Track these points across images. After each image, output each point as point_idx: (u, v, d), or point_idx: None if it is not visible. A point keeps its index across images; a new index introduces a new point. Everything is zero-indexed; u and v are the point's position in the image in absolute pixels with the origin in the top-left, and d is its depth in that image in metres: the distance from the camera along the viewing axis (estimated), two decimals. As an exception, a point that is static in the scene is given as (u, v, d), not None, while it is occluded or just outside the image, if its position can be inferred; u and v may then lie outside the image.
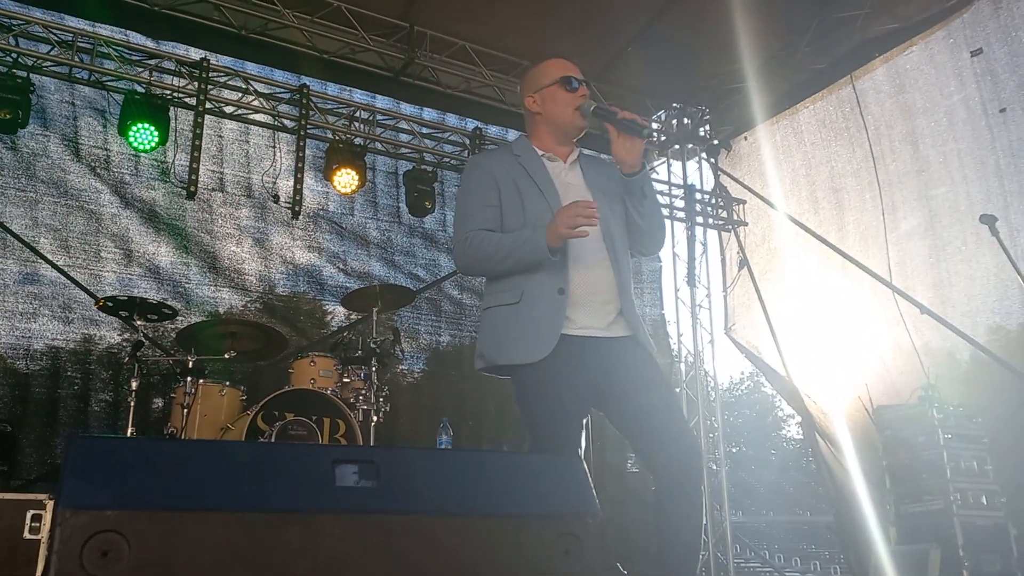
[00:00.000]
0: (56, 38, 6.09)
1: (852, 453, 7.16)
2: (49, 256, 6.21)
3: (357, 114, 7.26)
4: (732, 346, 8.74)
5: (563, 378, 2.65)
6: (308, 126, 6.80)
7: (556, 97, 2.89)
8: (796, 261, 7.91)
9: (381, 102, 7.62)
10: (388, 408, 5.43)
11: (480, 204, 2.81)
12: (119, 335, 6.62)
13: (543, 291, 2.69)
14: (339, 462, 1.25)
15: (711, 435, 8.30)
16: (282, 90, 6.97)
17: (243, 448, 1.58)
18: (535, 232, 2.65)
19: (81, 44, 6.17)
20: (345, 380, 5.41)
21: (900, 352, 6.80)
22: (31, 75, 5.94)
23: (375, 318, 5.65)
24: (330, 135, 7.12)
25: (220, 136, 7.08)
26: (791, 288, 7.96)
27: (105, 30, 6.37)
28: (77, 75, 6.22)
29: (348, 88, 7.49)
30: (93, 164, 6.58)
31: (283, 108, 6.94)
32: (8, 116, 5.65)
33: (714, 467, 8.10)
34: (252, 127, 7.09)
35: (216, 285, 6.93)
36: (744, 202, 8.68)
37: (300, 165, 6.72)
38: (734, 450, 27.66)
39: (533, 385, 2.67)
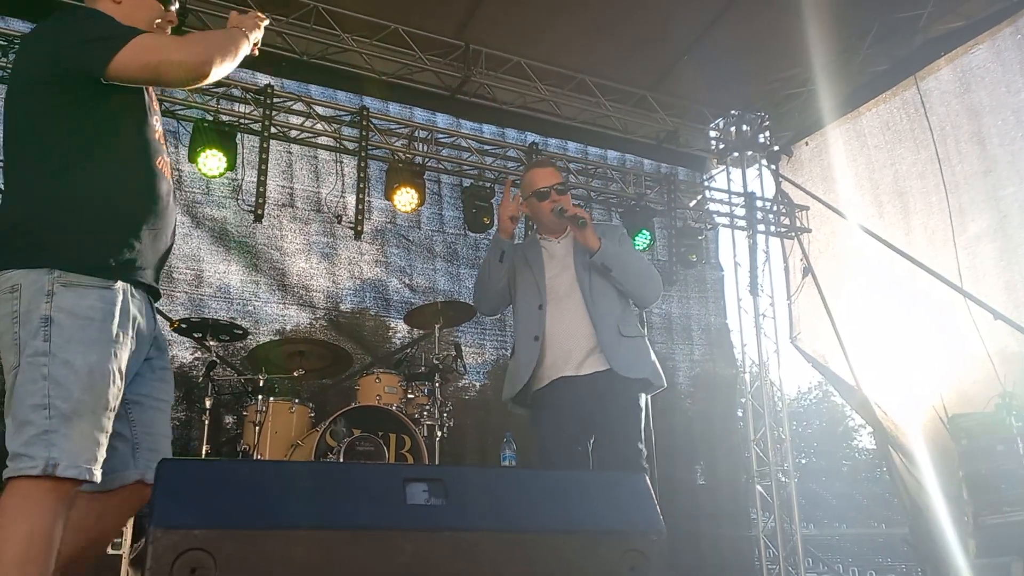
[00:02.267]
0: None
1: (927, 464, 6.98)
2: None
3: (416, 133, 7.38)
4: (798, 355, 8.60)
5: (544, 418, 3.41)
6: (369, 147, 6.94)
7: (534, 205, 3.63)
8: (862, 267, 7.75)
9: (441, 120, 7.74)
10: (452, 423, 5.49)
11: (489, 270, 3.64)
12: (191, 354, 6.81)
13: (525, 338, 3.44)
14: (409, 480, 1.29)
15: (779, 446, 8.17)
16: (343, 113, 7.12)
17: (319, 468, 1.64)
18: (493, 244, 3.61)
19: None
20: (410, 396, 5.49)
21: (974, 359, 6.59)
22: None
23: (437, 334, 5.72)
24: (390, 155, 7.24)
25: (290, 152, 7.26)
26: (858, 295, 7.79)
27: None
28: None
29: (409, 107, 7.63)
30: (167, 185, 6.77)
31: (345, 130, 7.09)
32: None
33: (783, 479, 7.95)
34: (318, 145, 7.26)
35: (284, 303, 7.09)
36: (807, 208, 8.55)
37: (362, 186, 6.84)
38: (804, 461, 27.10)
39: (535, 428, 3.49)
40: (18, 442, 1.94)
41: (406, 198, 6.90)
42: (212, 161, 6.11)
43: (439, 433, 5.33)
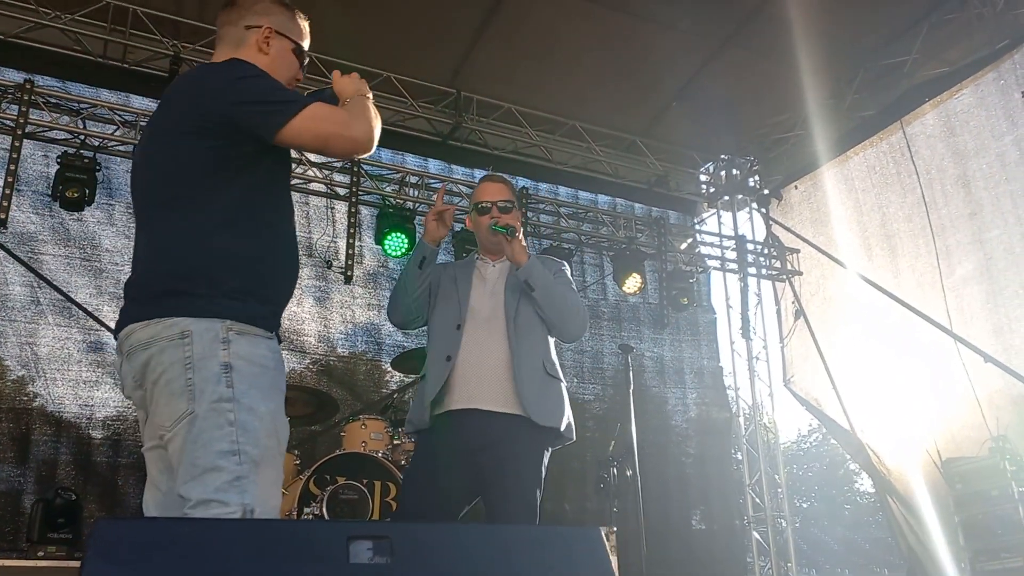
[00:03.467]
0: (120, 119, 6.40)
1: (926, 509, 6.91)
2: (111, 325, 6.41)
3: (407, 178, 7.43)
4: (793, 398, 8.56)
5: (439, 443, 3.03)
6: (360, 192, 6.98)
7: (475, 219, 3.40)
8: (853, 309, 7.76)
9: (433, 166, 7.80)
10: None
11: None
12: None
13: (437, 358, 3.13)
14: (354, 539, 1.27)
15: (776, 490, 8.09)
16: (335, 159, 7.18)
17: (258, 526, 1.62)
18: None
19: (144, 123, 6.46)
20: (396, 442, 5.44)
21: (965, 402, 6.57)
22: (97, 155, 6.22)
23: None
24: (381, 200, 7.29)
25: (279, 198, 7.30)
26: (849, 337, 7.79)
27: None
28: (141, 152, 6.49)
29: (401, 153, 7.70)
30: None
31: (337, 176, 7.14)
32: (75, 195, 5.94)
33: (781, 524, 7.86)
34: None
35: (275, 349, 7.07)
36: (798, 251, 8.58)
37: (352, 231, 6.88)
38: (805, 505, 26.81)
39: (416, 452, 3.17)
40: (207, 488, 1.91)
41: (396, 243, 6.93)
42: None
43: (426, 480, 5.27)
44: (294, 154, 6.98)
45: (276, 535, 1.26)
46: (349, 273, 6.82)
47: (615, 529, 4.53)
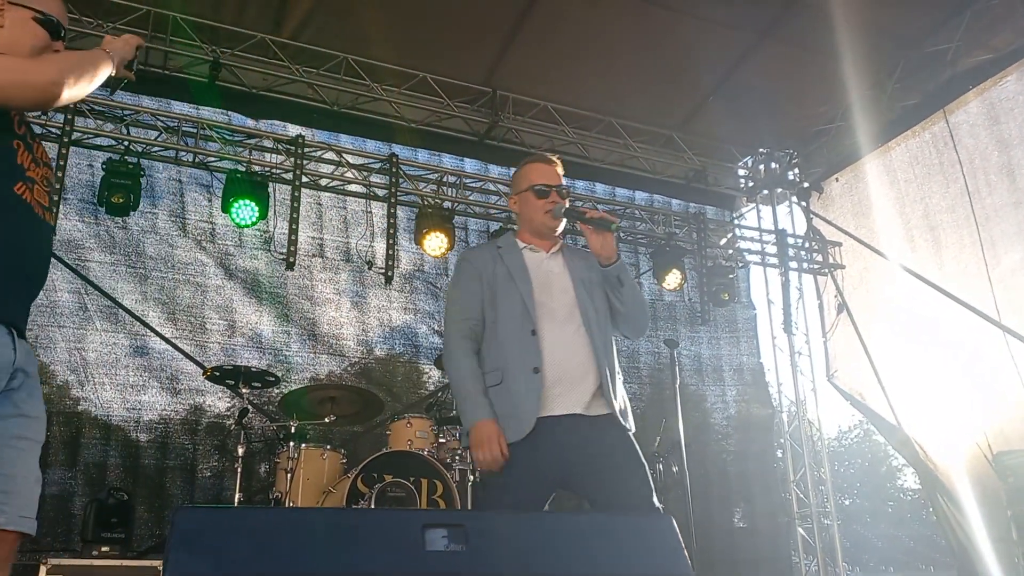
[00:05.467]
0: (163, 124, 6.49)
1: (972, 504, 6.78)
2: (157, 329, 6.51)
3: (445, 178, 7.45)
4: (836, 394, 8.45)
5: (539, 456, 2.81)
6: (398, 193, 7.02)
7: (529, 202, 3.13)
8: (897, 302, 7.64)
9: (470, 165, 7.82)
10: (484, 467, 5.43)
11: (464, 293, 3.06)
12: (225, 404, 6.86)
13: (520, 371, 2.89)
14: (429, 526, 1.27)
15: (820, 487, 7.99)
16: (373, 160, 7.22)
17: (339, 515, 1.63)
18: (477, 409, 2.87)
19: (186, 128, 6.56)
20: (441, 440, 5.46)
21: (1014, 394, 6.43)
22: (141, 160, 6.31)
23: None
24: (419, 200, 7.31)
25: (319, 203, 7.37)
26: (894, 331, 7.66)
27: (208, 112, 6.76)
28: (183, 157, 6.59)
29: (438, 153, 7.73)
30: (199, 238, 6.92)
31: (375, 177, 7.18)
32: (121, 200, 6.03)
33: (826, 522, 7.76)
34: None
35: (315, 352, 7.15)
36: (840, 244, 8.47)
37: (392, 232, 6.91)
38: (847, 502, 26.48)
39: (510, 461, 2.81)
40: None
41: (436, 243, 6.95)
42: (245, 211, 6.21)
43: (471, 477, 5.29)
44: (332, 155, 7.04)
45: (354, 523, 1.26)
46: (390, 274, 6.85)
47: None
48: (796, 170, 8.63)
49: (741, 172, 8.78)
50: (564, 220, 3.12)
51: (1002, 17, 6.61)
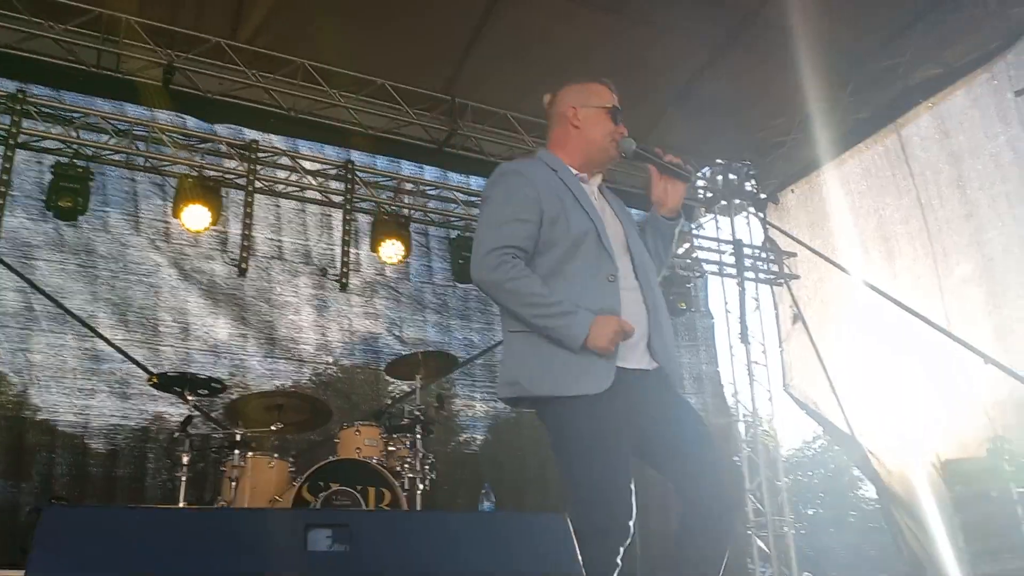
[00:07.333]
0: (114, 127, 6.40)
1: (929, 512, 6.85)
2: (108, 332, 6.36)
3: (403, 185, 7.42)
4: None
5: (621, 415, 2.38)
6: (355, 200, 6.98)
7: (601, 122, 2.77)
8: (852, 313, 7.72)
9: (429, 173, 7.80)
10: (435, 476, 5.41)
11: (516, 216, 2.53)
12: (179, 410, 6.74)
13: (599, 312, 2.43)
14: (313, 526, 1.25)
15: (778, 497, 8.02)
16: (329, 166, 7.18)
17: (218, 515, 1.60)
18: (578, 317, 2.39)
19: (137, 132, 6.47)
20: (391, 448, 5.42)
21: (965, 404, 6.53)
22: (90, 164, 6.21)
23: (419, 385, 5.67)
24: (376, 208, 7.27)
25: (278, 205, 7.26)
26: (848, 341, 7.75)
27: (163, 115, 6.67)
28: (134, 161, 6.50)
29: (396, 160, 7.70)
30: (152, 237, 6.76)
31: (332, 183, 7.14)
32: (69, 204, 5.93)
33: (786, 530, 7.78)
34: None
35: (272, 356, 7.04)
36: (795, 255, 8.55)
37: (347, 239, 6.87)
38: (810, 512, 26.64)
39: (589, 421, 2.35)
40: None
41: (392, 250, 6.93)
42: (196, 216, 6.15)
43: (420, 486, 5.25)
44: (287, 161, 6.99)
45: (233, 523, 1.24)
46: (344, 280, 6.80)
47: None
48: (753, 181, 8.71)
49: (700, 183, 8.84)
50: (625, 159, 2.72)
51: (951, 33, 6.74)
